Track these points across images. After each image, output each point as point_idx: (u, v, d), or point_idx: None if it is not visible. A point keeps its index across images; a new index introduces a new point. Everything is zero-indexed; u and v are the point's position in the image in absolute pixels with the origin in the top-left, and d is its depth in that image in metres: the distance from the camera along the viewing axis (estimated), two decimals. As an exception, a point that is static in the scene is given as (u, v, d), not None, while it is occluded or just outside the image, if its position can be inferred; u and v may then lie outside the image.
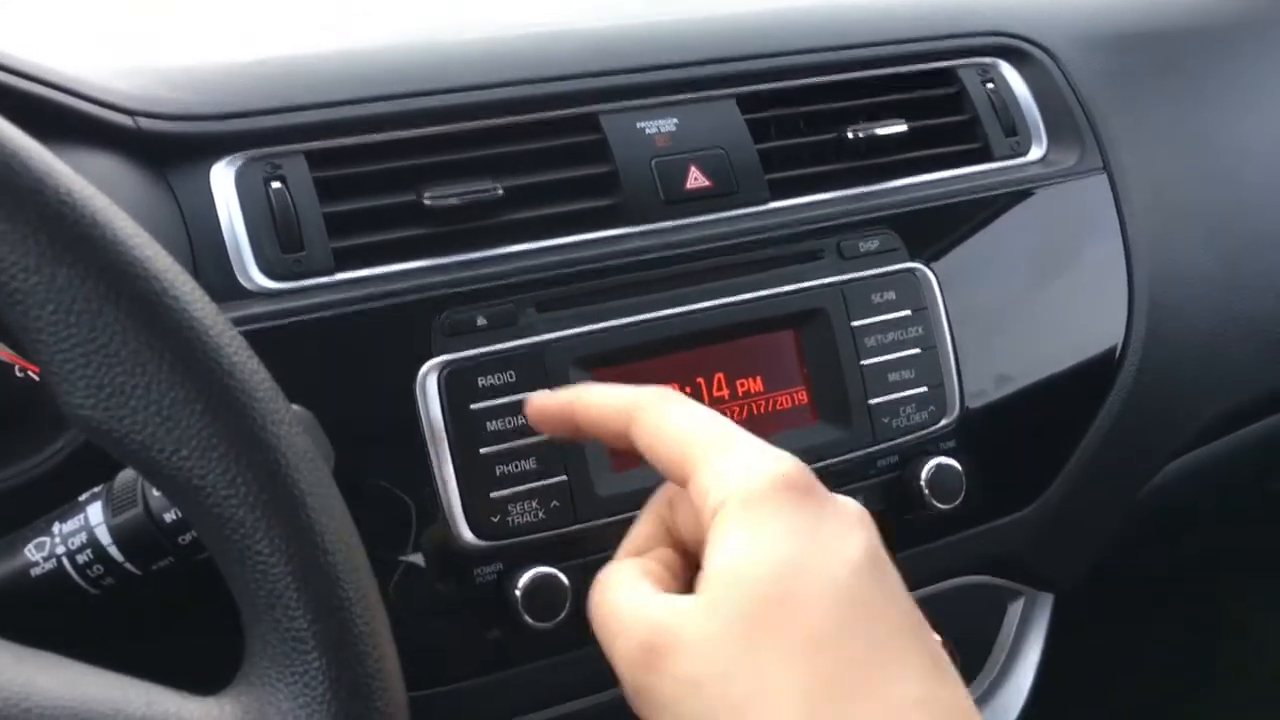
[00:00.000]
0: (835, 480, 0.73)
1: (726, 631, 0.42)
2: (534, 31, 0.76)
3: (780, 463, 0.46)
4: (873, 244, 0.75)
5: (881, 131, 0.78)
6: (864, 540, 0.44)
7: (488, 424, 0.64)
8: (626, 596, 0.47)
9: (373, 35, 0.74)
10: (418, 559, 0.64)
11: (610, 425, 0.51)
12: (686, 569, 0.50)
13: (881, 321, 0.73)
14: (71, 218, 0.36)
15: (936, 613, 0.80)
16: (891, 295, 0.74)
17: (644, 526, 0.52)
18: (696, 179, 0.73)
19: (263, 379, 0.39)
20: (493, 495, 0.64)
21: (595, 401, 0.52)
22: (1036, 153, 0.84)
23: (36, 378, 0.64)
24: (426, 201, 0.66)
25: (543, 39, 0.75)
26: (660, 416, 0.49)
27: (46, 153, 0.37)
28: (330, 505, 0.40)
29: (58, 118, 0.60)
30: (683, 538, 0.51)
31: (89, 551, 0.50)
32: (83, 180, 0.37)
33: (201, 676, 0.41)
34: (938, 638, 0.45)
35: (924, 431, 0.74)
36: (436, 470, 0.63)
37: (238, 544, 0.38)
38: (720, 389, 0.70)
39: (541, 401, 0.56)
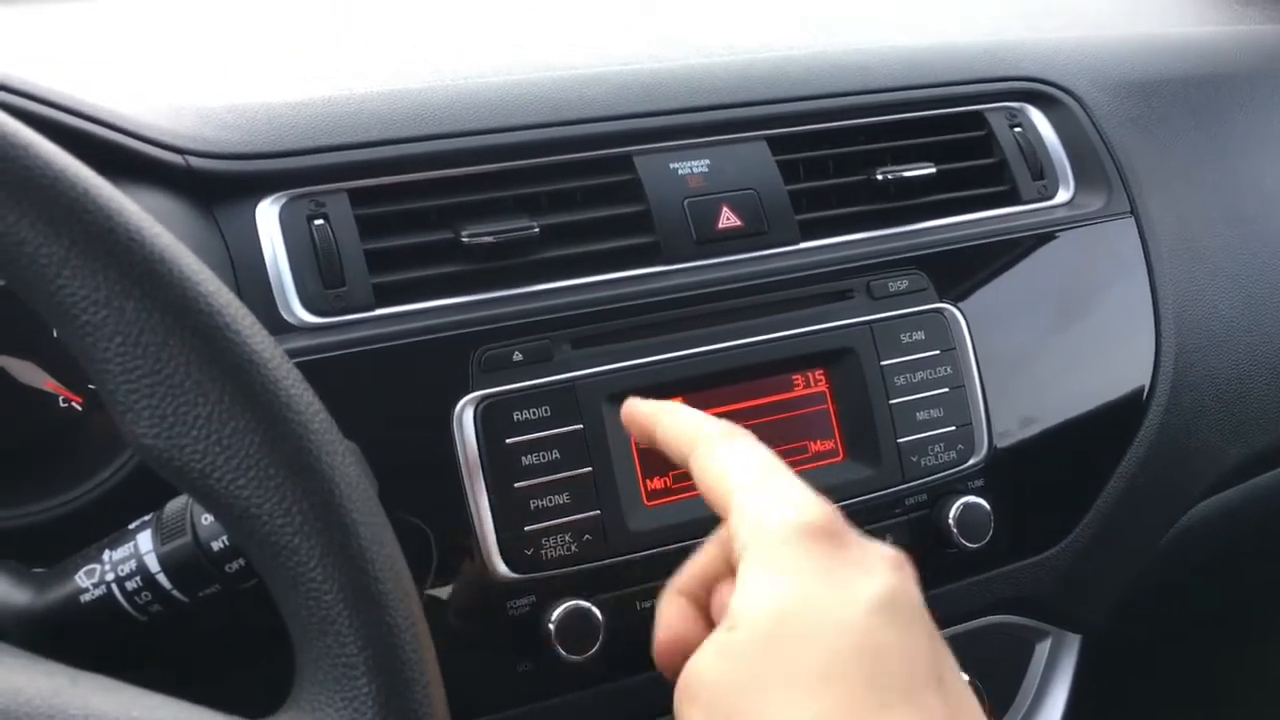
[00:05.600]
0: (864, 518, 0.73)
1: (736, 671, 0.43)
2: (569, 74, 0.77)
3: (806, 510, 0.47)
4: (902, 284, 0.76)
5: (910, 173, 0.79)
6: (884, 584, 0.45)
7: (522, 458, 0.65)
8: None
9: (413, 77, 0.76)
10: (452, 591, 0.64)
11: (674, 450, 0.54)
12: None
13: (910, 361, 0.74)
14: (140, 254, 0.37)
15: (963, 652, 0.81)
16: (920, 335, 0.75)
17: (706, 554, 0.53)
18: (728, 219, 0.74)
19: (318, 411, 0.40)
20: (526, 529, 0.65)
21: (671, 425, 0.55)
22: (1064, 196, 0.85)
23: (80, 408, 0.65)
24: (464, 239, 0.68)
25: (578, 81, 0.76)
26: (710, 454, 0.51)
27: (116, 191, 0.38)
28: (381, 534, 0.41)
29: (111, 156, 0.62)
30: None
31: (138, 579, 0.51)
32: (150, 218, 0.39)
33: (250, 701, 0.42)
34: (967, 688, 0.45)
35: (952, 470, 0.75)
36: (471, 503, 0.64)
37: (291, 571, 0.39)
38: (750, 426, 0.70)
39: (634, 407, 0.58)
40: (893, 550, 0.47)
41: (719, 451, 0.51)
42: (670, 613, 0.51)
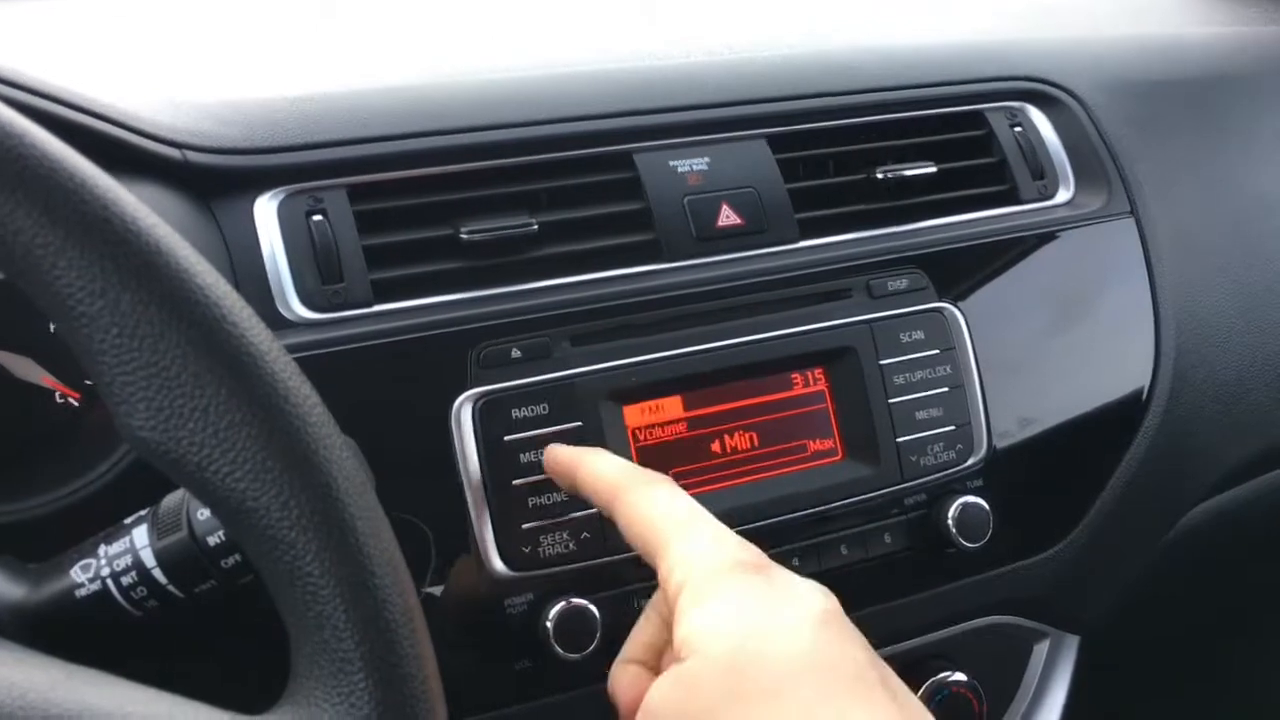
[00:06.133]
0: (863, 517, 0.73)
1: (696, 698, 0.45)
2: (570, 71, 0.77)
3: (735, 548, 0.51)
4: (901, 283, 0.76)
5: (910, 172, 0.79)
6: (816, 605, 0.48)
7: (520, 455, 0.65)
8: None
9: (412, 73, 0.75)
10: (449, 588, 0.64)
11: (597, 496, 0.57)
12: None
13: (910, 360, 0.74)
14: (136, 245, 0.37)
15: (961, 652, 0.81)
16: (920, 334, 0.75)
17: (647, 622, 0.57)
18: (728, 217, 0.74)
19: (315, 404, 0.40)
20: (524, 526, 0.65)
21: (593, 471, 0.58)
22: (1064, 196, 0.85)
23: (77, 404, 0.65)
24: (463, 236, 0.67)
25: (579, 78, 0.76)
26: (635, 502, 0.54)
27: (114, 182, 0.38)
28: (379, 529, 0.40)
29: (108, 149, 0.61)
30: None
31: (134, 574, 0.50)
32: (147, 210, 0.38)
33: (246, 696, 0.41)
34: (908, 691, 0.47)
35: (951, 470, 0.75)
36: (469, 500, 0.64)
37: (288, 565, 0.38)
38: (749, 425, 0.71)
39: (554, 453, 0.62)
40: (811, 581, 0.50)
41: (645, 497, 0.54)
42: (626, 680, 0.54)
